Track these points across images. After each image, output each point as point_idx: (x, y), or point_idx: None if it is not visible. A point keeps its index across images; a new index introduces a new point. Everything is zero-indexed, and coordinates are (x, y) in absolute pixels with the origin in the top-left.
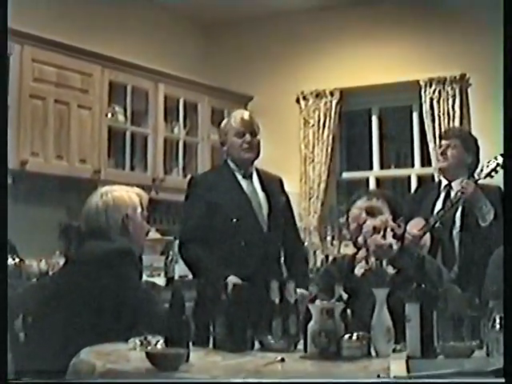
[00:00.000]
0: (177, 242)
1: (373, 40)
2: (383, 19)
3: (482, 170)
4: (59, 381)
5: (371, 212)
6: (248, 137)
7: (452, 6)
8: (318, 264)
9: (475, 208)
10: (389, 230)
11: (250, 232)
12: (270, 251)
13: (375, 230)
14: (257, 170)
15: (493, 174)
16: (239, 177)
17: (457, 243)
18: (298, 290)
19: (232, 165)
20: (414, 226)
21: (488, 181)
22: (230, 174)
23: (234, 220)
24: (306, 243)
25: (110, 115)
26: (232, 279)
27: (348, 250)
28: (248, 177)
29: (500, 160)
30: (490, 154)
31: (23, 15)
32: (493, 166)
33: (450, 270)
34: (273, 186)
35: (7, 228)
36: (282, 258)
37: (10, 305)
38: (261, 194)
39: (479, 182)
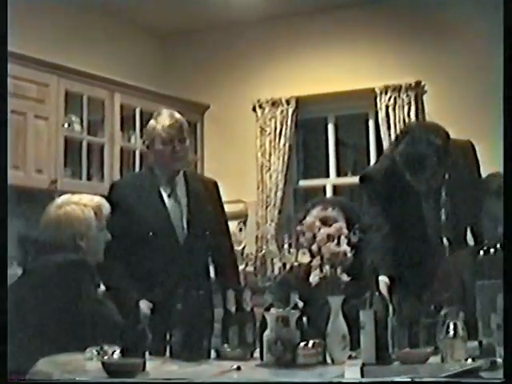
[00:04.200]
0: None
1: (328, 48)
2: (338, 27)
3: None
4: (59, 381)
5: (326, 221)
6: (176, 145)
7: (407, 13)
8: (276, 272)
9: None
10: (343, 237)
11: (166, 247)
12: (189, 264)
13: (329, 237)
14: (185, 173)
15: None
16: (162, 184)
17: None
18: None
19: (157, 170)
20: None
21: None
22: (152, 180)
23: (150, 234)
24: (263, 251)
25: (66, 125)
26: (142, 305)
27: (305, 258)
28: (172, 183)
29: None
30: None
31: None
32: None
33: None
34: (202, 190)
35: (7, 229)
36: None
37: None
38: (184, 202)
39: None
